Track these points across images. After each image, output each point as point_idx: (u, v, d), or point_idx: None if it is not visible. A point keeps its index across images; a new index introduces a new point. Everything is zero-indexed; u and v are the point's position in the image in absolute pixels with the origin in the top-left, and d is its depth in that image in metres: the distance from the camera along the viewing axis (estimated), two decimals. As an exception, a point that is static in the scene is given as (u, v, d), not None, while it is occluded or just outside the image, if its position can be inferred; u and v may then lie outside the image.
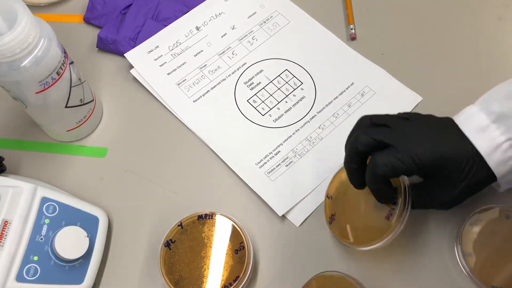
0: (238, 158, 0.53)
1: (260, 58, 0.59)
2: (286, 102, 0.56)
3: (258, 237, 0.49)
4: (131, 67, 0.58)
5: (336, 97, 0.56)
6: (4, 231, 0.42)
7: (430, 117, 0.44)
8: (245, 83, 0.58)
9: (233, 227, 0.47)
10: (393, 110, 0.54)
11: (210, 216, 0.48)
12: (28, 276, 0.42)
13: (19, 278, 0.41)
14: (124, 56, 0.58)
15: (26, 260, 0.42)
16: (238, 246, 0.46)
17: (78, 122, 0.52)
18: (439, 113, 0.54)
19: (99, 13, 0.62)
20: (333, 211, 0.48)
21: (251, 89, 0.57)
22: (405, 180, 0.44)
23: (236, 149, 0.53)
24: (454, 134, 0.42)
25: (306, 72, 0.58)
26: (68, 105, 0.49)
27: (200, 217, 0.48)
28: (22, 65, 0.42)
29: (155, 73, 0.58)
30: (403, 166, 0.40)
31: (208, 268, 0.46)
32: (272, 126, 0.55)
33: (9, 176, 0.46)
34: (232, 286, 0.45)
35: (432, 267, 0.47)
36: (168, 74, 0.58)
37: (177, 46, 0.60)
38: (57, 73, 0.45)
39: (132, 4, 0.61)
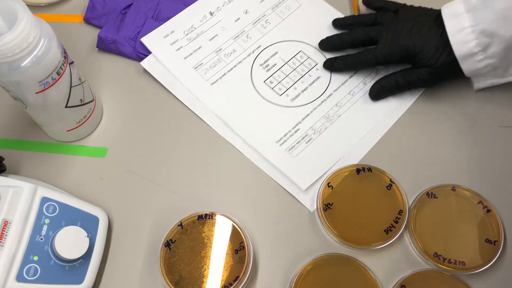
0: (259, 137, 0.54)
1: (274, 41, 0.60)
2: (302, 82, 0.57)
3: (258, 237, 0.49)
4: (134, 65, 0.58)
5: (351, 76, 0.57)
6: (4, 231, 0.42)
7: (418, 9, 0.54)
8: (261, 65, 0.58)
9: (233, 227, 0.47)
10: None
11: (210, 216, 0.48)
12: (28, 276, 0.42)
13: (19, 278, 0.41)
14: (124, 56, 0.58)
15: (26, 260, 0.42)
16: (238, 246, 0.46)
17: (78, 122, 0.52)
18: (439, 109, 0.55)
19: (99, 13, 0.62)
20: (331, 200, 0.49)
21: (267, 70, 0.58)
22: (406, 203, 0.48)
23: (256, 128, 0.54)
24: (434, 25, 0.51)
25: (320, 53, 0.59)
26: (68, 105, 0.49)
27: (200, 217, 0.48)
28: (22, 65, 0.42)
29: (172, 57, 0.58)
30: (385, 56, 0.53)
31: (208, 268, 0.46)
32: (290, 105, 0.56)
33: (9, 176, 0.46)
34: (232, 286, 0.45)
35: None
36: (185, 58, 0.58)
37: (192, 31, 0.60)
38: (57, 73, 0.45)
39: (132, 4, 0.61)
